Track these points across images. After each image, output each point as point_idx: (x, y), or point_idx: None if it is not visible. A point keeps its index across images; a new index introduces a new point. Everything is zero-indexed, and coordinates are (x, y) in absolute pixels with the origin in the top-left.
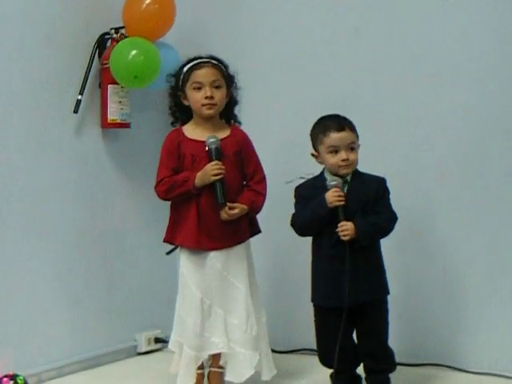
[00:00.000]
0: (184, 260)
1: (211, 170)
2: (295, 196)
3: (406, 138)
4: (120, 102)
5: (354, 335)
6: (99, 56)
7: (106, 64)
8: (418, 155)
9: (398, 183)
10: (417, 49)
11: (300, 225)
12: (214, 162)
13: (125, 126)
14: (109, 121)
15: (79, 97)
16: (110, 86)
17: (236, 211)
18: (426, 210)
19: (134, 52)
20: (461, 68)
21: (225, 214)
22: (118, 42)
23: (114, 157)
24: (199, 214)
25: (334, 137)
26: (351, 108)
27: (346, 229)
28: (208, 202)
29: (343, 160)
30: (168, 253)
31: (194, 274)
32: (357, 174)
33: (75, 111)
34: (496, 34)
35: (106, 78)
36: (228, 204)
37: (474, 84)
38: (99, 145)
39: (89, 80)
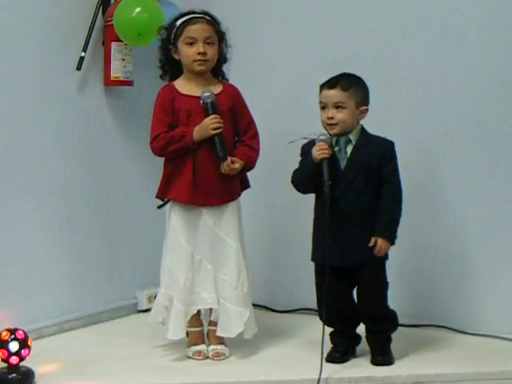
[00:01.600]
0: (176, 215)
1: (210, 124)
2: (300, 154)
3: (410, 97)
4: (123, 59)
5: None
6: (103, 13)
7: (109, 21)
8: (421, 114)
9: (400, 143)
10: (421, 8)
11: (294, 181)
12: (212, 116)
13: (128, 83)
14: (112, 78)
15: (82, 54)
16: (113, 43)
17: (237, 165)
18: (428, 169)
19: (137, 9)
20: (466, 27)
21: (227, 168)
22: None
23: (116, 114)
24: (195, 170)
25: (324, 94)
26: (354, 67)
27: (381, 249)
28: (205, 157)
29: (328, 118)
30: (159, 207)
31: (186, 229)
32: (364, 135)
33: (78, 68)
34: None
35: (109, 36)
36: (230, 158)
37: (478, 43)
38: (102, 102)
39: (92, 37)
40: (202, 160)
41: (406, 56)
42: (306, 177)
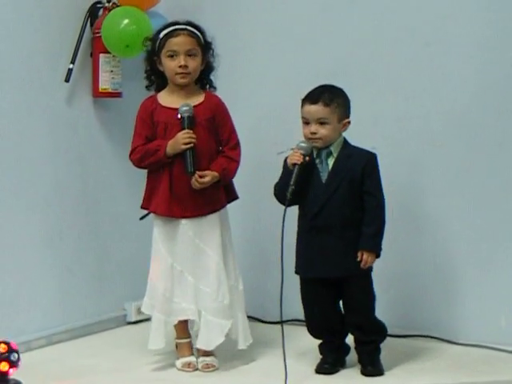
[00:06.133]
0: (157, 226)
1: (182, 139)
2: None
3: (398, 107)
4: (111, 71)
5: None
6: (91, 25)
7: (97, 33)
8: (409, 125)
9: (389, 153)
10: (410, 18)
11: (275, 193)
12: (185, 131)
13: (116, 95)
14: (100, 90)
15: (71, 66)
16: (101, 55)
17: (207, 179)
18: (416, 179)
19: (125, 21)
20: (454, 38)
21: (196, 183)
22: (109, 11)
23: (105, 126)
24: (171, 182)
25: (306, 109)
26: (343, 77)
27: (367, 262)
28: (180, 170)
29: (311, 133)
30: (141, 218)
31: (166, 240)
32: (345, 147)
33: (67, 80)
34: (490, 5)
35: (97, 47)
36: (198, 172)
37: (466, 54)
38: (90, 114)
39: (80, 49)
40: (177, 173)
41: (394, 66)
42: (285, 187)
